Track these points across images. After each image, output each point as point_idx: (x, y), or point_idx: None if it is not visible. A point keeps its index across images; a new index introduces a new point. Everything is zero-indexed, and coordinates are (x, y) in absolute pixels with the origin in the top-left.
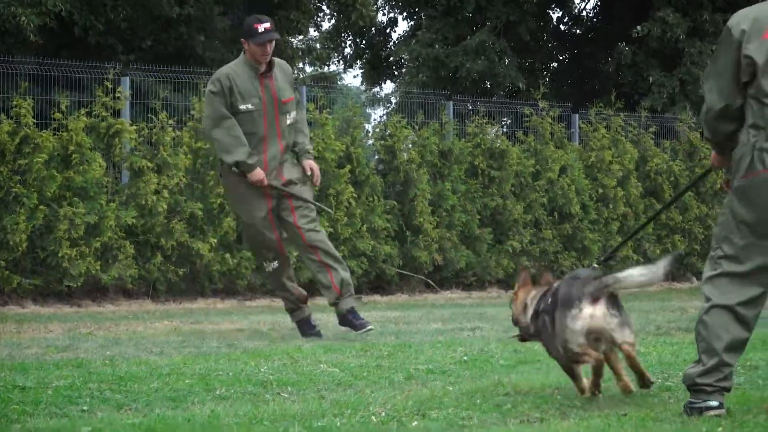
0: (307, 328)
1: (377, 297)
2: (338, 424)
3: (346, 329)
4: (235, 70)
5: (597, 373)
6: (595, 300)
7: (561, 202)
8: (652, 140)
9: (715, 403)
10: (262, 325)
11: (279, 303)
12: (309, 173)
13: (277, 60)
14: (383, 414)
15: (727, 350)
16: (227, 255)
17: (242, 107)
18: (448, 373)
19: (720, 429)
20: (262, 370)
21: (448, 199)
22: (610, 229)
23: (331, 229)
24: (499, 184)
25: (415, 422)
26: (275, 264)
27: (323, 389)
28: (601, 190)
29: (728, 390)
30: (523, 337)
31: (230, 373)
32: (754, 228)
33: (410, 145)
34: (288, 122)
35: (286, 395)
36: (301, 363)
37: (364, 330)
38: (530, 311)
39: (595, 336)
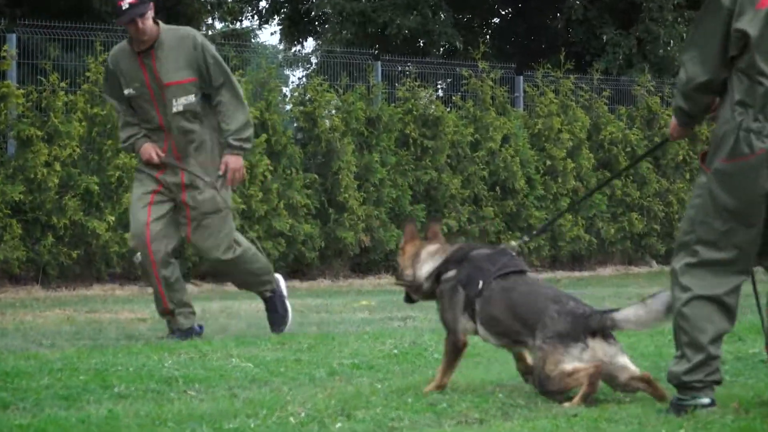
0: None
1: (296, 282)
2: (252, 425)
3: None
4: (122, 48)
5: (592, 383)
6: (593, 335)
7: (503, 176)
8: (605, 106)
9: (706, 400)
10: None
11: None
12: (221, 173)
13: (173, 33)
14: (303, 414)
15: (712, 342)
16: (127, 235)
17: (126, 92)
18: (376, 368)
19: (682, 430)
20: (166, 365)
21: (377, 172)
22: (559, 205)
23: (244, 206)
24: (433, 155)
25: (339, 424)
26: (138, 257)
27: (235, 387)
28: (548, 162)
29: (719, 383)
30: (410, 297)
31: (130, 369)
32: (737, 215)
33: (333, 111)
34: (175, 110)
35: (193, 393)
36: (211, 357)
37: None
38: (425, 268)
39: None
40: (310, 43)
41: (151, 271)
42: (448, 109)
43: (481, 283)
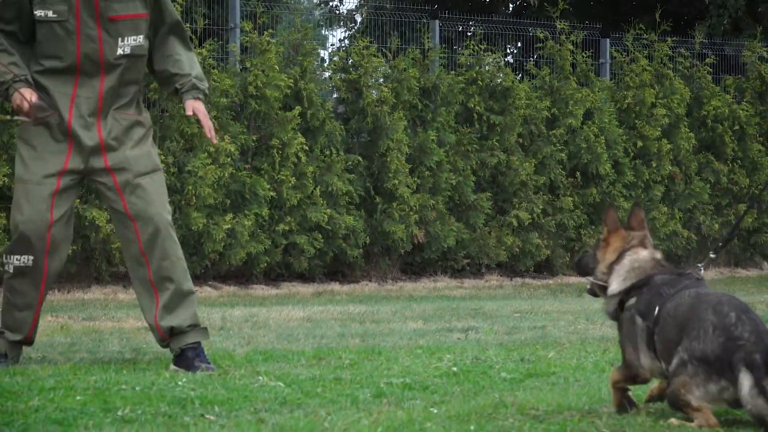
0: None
1: (335, 285)
2: None
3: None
4: None
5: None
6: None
7: (586, 159)
8: (709, 75)
9: None
10: None
11: (202, 293)
12: (193, 116)
13: None
14: None
15: None
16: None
17: (38, 13)
18: (432, 389)
19: None
20: (179, 383)
21: (433, 153)
22: (652, 195)
23: (273, 193)
24: (501, 133)
25: None
26: (24, 261)
27: (262, 410)
28: (639, 143)
29: None
30: (595, 292)
31: (136, 388)
32: None
33: (381, 80)
34: (120, 51)
35: (212, 418)
36: (233, 374)
37: (205, 371)
38: (616, 283)
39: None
40: None
41: (38, 286)
42: (520, 78)
43: (657, 309)
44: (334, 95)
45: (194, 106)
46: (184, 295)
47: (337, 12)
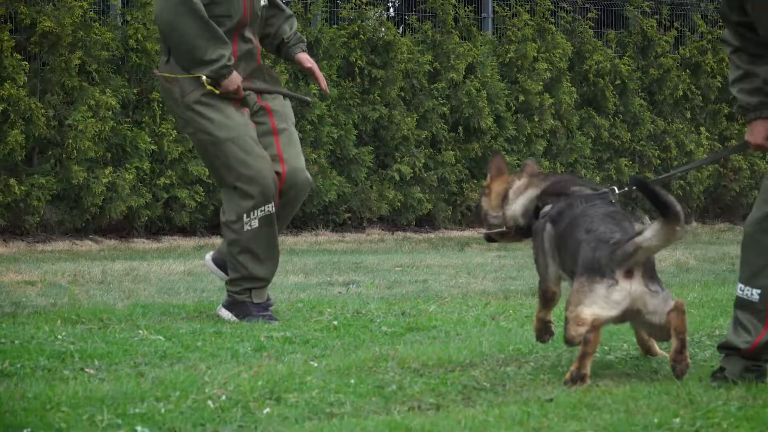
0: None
1: (217, 239)
2: (162, 410)
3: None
4: None
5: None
6: (629, 273)
7: (467, 113)
8: (591, 30)
9: None
10: (61, 277)
11: (83, 246)
12: (308, 66)
13: None
14: (224, 397)
15: None
16: (12, 181)
17: None
18: (313, 343)
19: (677, 420)
20: (59, 337)
21: (314, 107)
22: (534, 149)
23: (154, 147)
24: (383, 87)
25: (267, 409)
26: (269, 209)
27: (142, 364)
28: (521, 98)
29: None
30: (491, 237)
31: (16, 342)
32: None
33: None
34: (263, 2)
35: (92, 371)
36: (113, 328)
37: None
38: (516, 205)
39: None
40: None
41: (275, 229)
42: (401, 32)
43: (567, 219)
44: None
45: (307, 57)
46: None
47: None
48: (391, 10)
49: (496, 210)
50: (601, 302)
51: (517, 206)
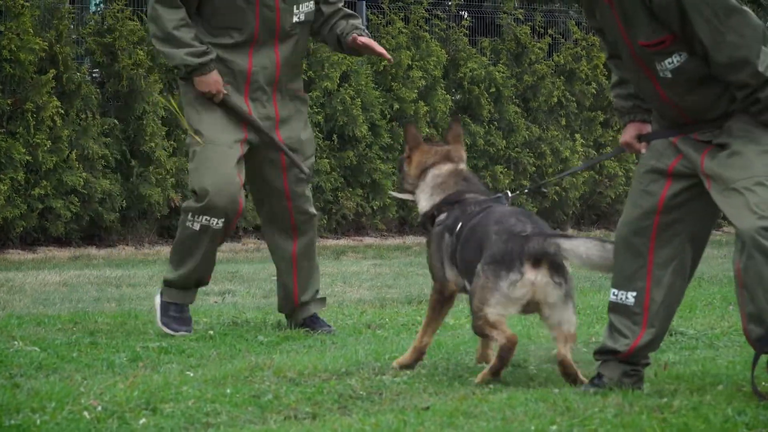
0: None
1: (92, 249)
2: (37, 421)
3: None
4: None
5: (501, 356)
6: (537, 264)
7: (342, 122)
8: (466, 38)
9: None
10: None
11: None
12: (362, 45)
13: None
14: (99, 408)
15: None
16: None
17: None
18: (188, 352)
19: (554, 427)
20: None
21: None
22: None
23: (29, 157)
24: None
25: (143, 419)
26: (218, 224)
27: (18, 375)
28: (396, 106)
29: None
30: (400, 190)
31: None
32: None
33: (137, 43)
34: (296, 19)
35: None
36: None
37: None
38: (426, 200)
39: (532, 309)
40: None
41: (215, 242)
42: None
43: (460, 225)
44: (90, 58)
45: (363, 40)
46: (316, 269)
47: None
48: None
49: (413, 179)
50: (504, 301)
51: (424, 205)
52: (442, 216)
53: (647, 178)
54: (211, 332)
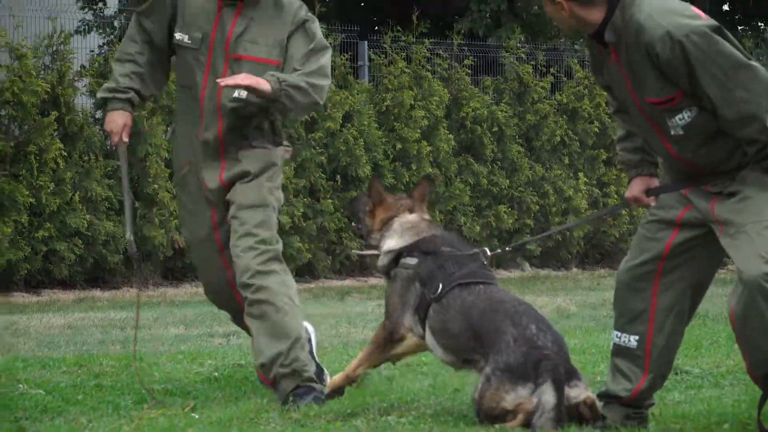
0: None
1: (97, 292)
2: None
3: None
4: None
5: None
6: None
7: (345, 162)
8: (468, 77)
9: None
10: None
11: None
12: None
13: None
14: None
15: None
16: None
17: (177, 36)
18: (194, 394)
19: None
20: None
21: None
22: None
23: (32, 200)
24: None
25: None
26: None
27: (23, 418)
28: (399, 145)
29: None
30: (358, 235)
31: None
32: None
33: None
34: (235, 93)
35: None
36: None
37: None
38: (390, 242)
39: None
40: (112, 3)
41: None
42: None
43: (440, 286)
44: (93, 101)
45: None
46: None
47: (97, 16)
48: None
49: (377, 232)
50: (514, 408)
51: (392, 244)
52: (411, 260)
53: (654, 227)
54: (216, 374)
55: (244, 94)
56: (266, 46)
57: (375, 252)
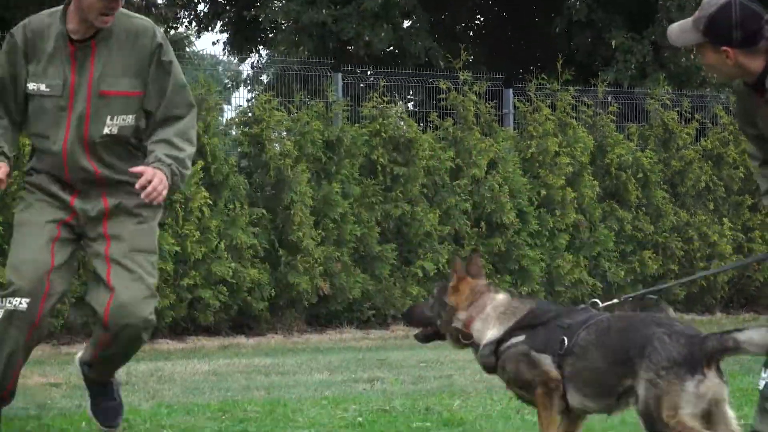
0: None
1: (241, 339)
2: None
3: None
4: (47, 23)
5: None
6: (709, 365)
7: (490, 209)
8: (612, 124)
9: None
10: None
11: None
12: (140, 183)
13: (129, 23)
14: None
15: None
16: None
17: (31, 87)
18: None
19: None
20: None
21: (337, 205)
22: (557, 244)
23: (178, 248)
24: (405, 184)
25: None
26: (18, 303)
27: None
28: (544, 192)
29: None
30: (429, 337)
31: None
32: None
33: (284, 133)
34: (107, 131)
35: None
36: (138, 429)
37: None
38: (490, 332)
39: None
40: (257, 57)
41: (25, 335)
42: (423, 129)
43: (566, 340)
44: (238, 149)
45: (145, 169)
46: None
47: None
48: (413, 105)
49: (462, 312)
50: (695, 400)
51: (491, 334)
52: (516, 339)
53: None
54: (360, 419)
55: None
56: (129, 78)
57: (455, 331)
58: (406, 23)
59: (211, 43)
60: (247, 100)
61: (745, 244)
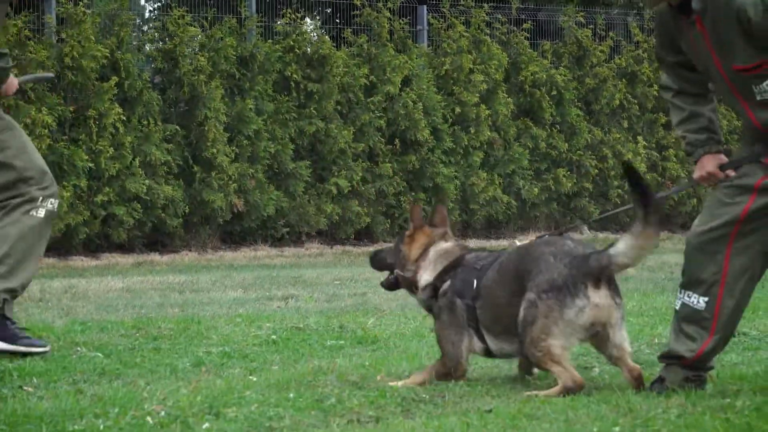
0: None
1: (155, 256)
2: (101, 427)
3: None
4: None
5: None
6: (597, 283)
7: (404, 126)
8: (527, 41)
9: None
10: None
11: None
12: None
13: None
14: (163, 413)
15: None
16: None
17: None
18: (251, 357)
19: (617, 429)
20: None
21: (251, 122)
22: (471, 161)
23: (91, 164)
24: (319, 101)
25: (206, 424)
26: (56, 204)
27: (81, 381)
28: (458, 109)
29: None
30: (393, 286)
31: None
32: None
33: (198, 49)
34: None
35: (30, 389)
36: (52, 346)
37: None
38: (426, 274)
39: (595, 330)
40: None
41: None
42: (337, 46)
43: (475, 282)
44: (152, 65)
45: None
46: None
47: None
48: (325, 21)
49: (413, 261)
50: (571, 331)
51: (427, 277)
52: (446, 285)
53: (731, 192)
54: (274, 337)
55: None
56: None
57: (407, 281)
58: None
59: None
60: (150, 11)
61: (660, 163)
